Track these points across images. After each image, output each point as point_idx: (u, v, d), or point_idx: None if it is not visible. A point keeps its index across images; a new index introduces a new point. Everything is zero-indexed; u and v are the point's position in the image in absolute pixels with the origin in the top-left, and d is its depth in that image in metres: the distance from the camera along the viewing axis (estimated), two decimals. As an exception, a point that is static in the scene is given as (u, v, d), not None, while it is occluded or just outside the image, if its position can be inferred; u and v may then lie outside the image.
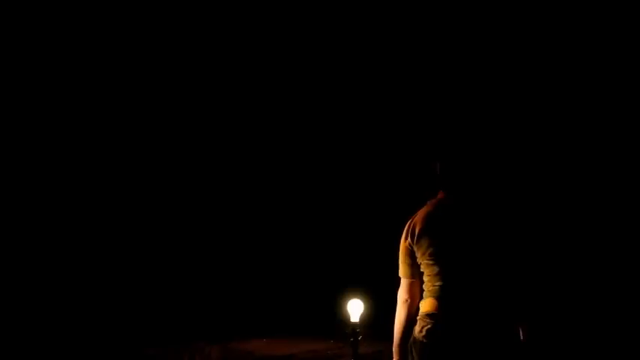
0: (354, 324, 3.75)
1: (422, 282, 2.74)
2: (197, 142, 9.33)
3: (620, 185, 7.51)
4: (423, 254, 2.69)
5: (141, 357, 6.43)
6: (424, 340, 2.64)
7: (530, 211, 6.88)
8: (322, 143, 9.25)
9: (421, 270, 2.73)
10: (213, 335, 6.99)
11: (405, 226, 2.78)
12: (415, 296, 2.75)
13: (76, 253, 8.45)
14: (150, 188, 9.12)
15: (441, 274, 2.65)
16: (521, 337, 2.62)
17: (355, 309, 3.78)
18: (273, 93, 9.20)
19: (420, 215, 2.75)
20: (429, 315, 2.66)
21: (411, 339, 2.71)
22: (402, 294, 2.79)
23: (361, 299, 3.85)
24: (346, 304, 3.83)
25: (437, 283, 2.66)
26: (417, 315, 2.72)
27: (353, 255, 8.31)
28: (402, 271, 2.80)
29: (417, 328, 2.70)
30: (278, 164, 9.35)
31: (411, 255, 2.75)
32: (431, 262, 2.68)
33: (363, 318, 3.81)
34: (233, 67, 9.01)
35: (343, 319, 3.97)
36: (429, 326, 2.64)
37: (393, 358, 2.82)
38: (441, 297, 2.64)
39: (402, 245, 2.78)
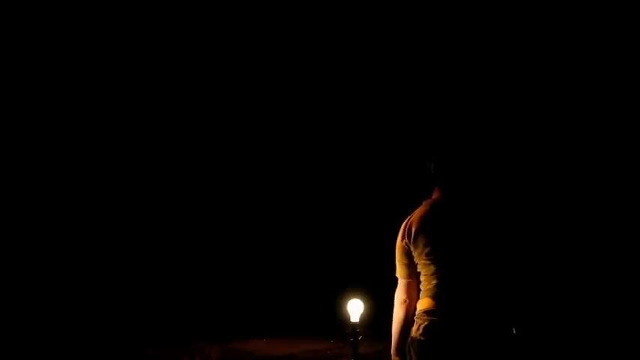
0: (354, 324, 3.75)
1: (419, 282, 2.74)
2: (197, 142, 9.33)
3: (614, 185, 7.52)
4: (420, 254, 2.70)
5: (141, 357, 6.44)
6: (421, 338, 2.64)
7: (524, 210, 6.90)
8: (321, 144, 9.25)
9: (418, 270, 2.74)
10: (213, 335, 6.99)
11: (401, 226, 2.79)
12: (413, 297, 2.75)
13: (76, 254, 8.45)
14: (150, 189, 9.13)
15: (438, 273, 2.66)
16: (515, 332, 2.63)
17: (355, 309, 3.77)
18: (272, 93, 9.20)
19: (416, 215, 2.76)
20: (426, 312, 2.66)
21: (409, 339, 2.71)
22: (399, 294, 2.79)
23: (361, 299, 3.84)
24: (346, 304, 3.82)
25: (433, 282, 2.67)
26: (415, 315, 2.72)
27: (353, 255, 8.31)
28: (399, 271, 2.80)
29: (414, 328, 2.70)
30: (277, 165, 9.35)
31: (408, 255, 2.75)
32: (427, 262, 2.68)
33: (363, 318, 3.80)
34: (233, 67, 9.02)
35: (343, 319, 3.96)
36: (426, 323, 2.64)
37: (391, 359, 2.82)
38: (437, 295, 2.65)
39: (399, 245, 2.78)
